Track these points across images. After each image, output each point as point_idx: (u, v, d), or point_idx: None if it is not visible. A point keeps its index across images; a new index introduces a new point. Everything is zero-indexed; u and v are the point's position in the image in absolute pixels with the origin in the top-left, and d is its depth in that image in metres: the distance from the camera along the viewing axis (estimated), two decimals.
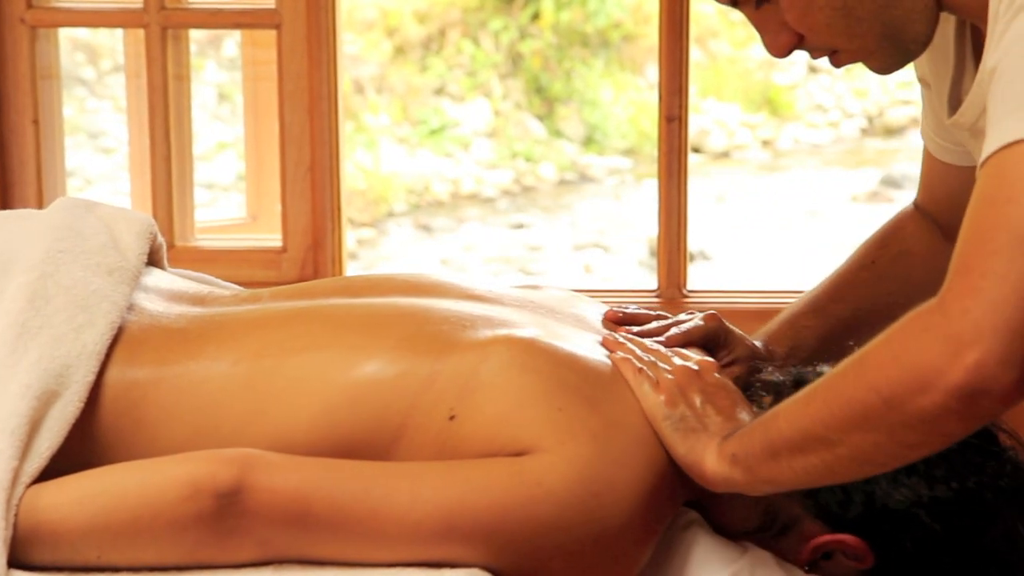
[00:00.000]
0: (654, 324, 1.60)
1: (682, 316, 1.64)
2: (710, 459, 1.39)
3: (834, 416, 1.27)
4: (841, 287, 1.75)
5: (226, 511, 1.32)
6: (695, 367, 1.48)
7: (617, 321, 1.60)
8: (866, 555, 1.45)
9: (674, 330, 1.59)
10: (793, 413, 1.33)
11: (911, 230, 1.77)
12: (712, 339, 1.61)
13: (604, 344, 1.51)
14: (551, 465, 1.36)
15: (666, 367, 1.48)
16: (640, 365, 1.47)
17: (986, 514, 1.44)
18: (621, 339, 1.52)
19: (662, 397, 1.43)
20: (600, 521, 1.36)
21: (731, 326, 1.66)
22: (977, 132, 1.46)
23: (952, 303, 1.19)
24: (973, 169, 1.61)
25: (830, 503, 1.45)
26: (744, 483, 1.37)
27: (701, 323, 1.61)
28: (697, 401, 1.44)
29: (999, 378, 1.16)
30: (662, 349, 1.52)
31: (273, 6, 2.49)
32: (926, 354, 1.19)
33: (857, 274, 1.75)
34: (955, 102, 1.47)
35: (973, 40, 1.46)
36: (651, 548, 1.42)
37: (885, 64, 1.43)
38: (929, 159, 1.72)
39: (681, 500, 1.47)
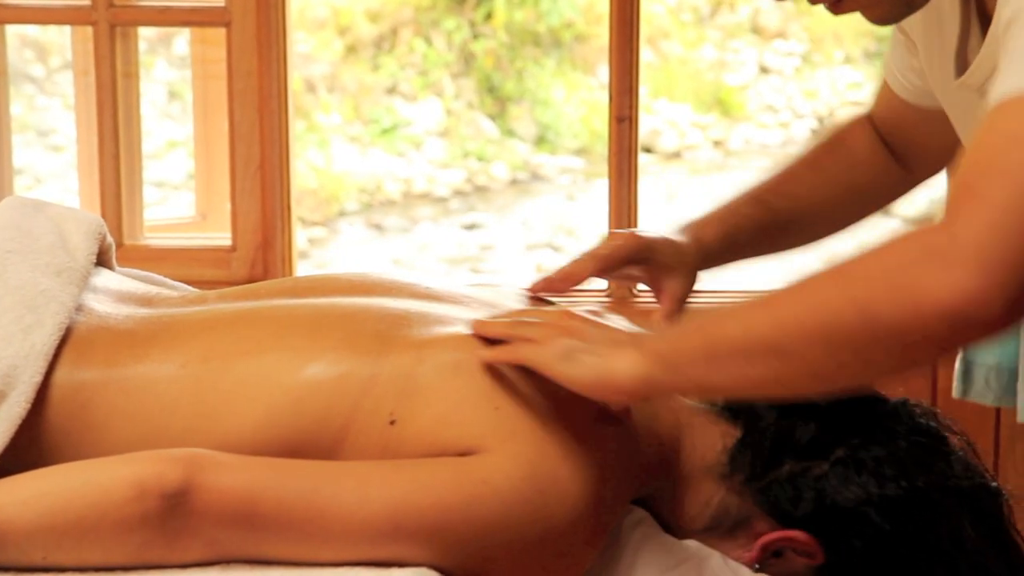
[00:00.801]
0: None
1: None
2: (622, 363, 1.33)
3: (800, 325, 1.22)
4: (785, 183, 1.72)
5: (173, 511, 1.31)
6: (562, 311, 1.44)
7: (538, 291, 1.57)
8: (816, 552, 1.46)
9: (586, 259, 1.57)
10: (745, 316, 1.28)
11: (861, 140, 1.76)
12: (636, 261, 1.58)
13: (475, 329, 1.45)
14: (496, 464, 1.36)
15: (533, 320, 1.43)
16: (510, 335, 1.42)
17: (935, 513, 1.44)
18: (486, 323, 1.46)
19: (543, 348, 1.38)
20: (547, 519, 1.36)
21: (656, 237, 1.60)
22: (986, 93, 1.45)
23: (964, 230, 1.15)
24: (934, 112, 1.62)
25: (780, 500, 1.46)
26: (666, 383, 1.33)
27: (618, 243, 1.57)
28: (586, 328, 1.39)
29: (992, 309, 1.14)
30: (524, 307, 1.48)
31: (223, 4, 2.48)
32: (924, 276, 1.16)
33: (802, 173, 1.73)
34: (962, 63, 1.46)
35: (978, 2, 1.45)
36: (599, 546, 1.42)
37: (890, 14, 1.39)
38: (887, 86, 1.74)
39: (629, 497, 1.47)
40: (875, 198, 1.77)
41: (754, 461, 1.47)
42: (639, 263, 1.62)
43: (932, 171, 1.78)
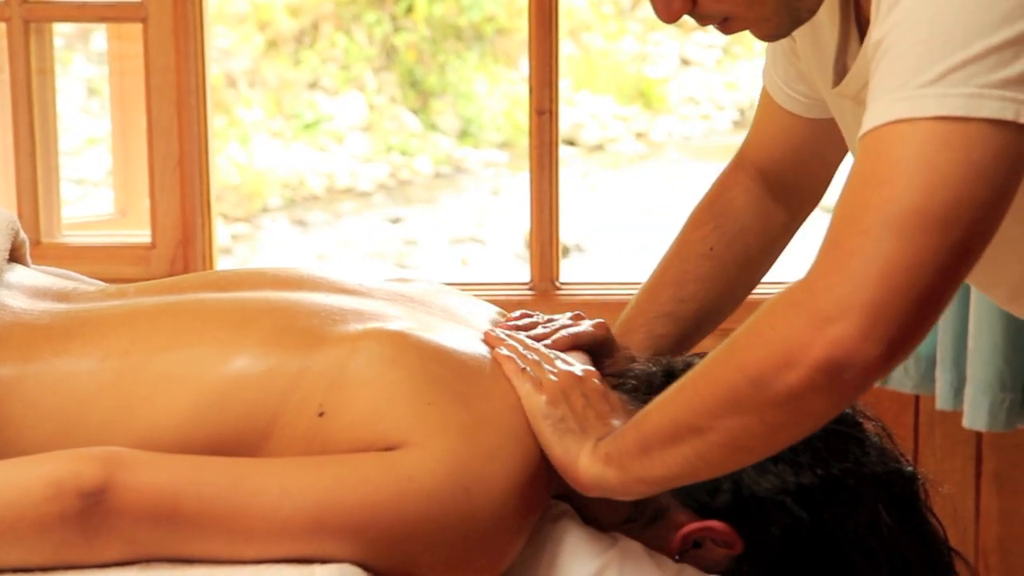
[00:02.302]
0: (540, 330, 1.59)
1: (568, 320, 1.62)
2: (584, 460, 1.39)
3: (704, 402, 1.28)
4: (686, 284, 1.73)
5: (92, 510, 1.30)
6: (579, 372, 1.48)
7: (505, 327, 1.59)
8: (735, 541, 1.47)
9: (563, 332, 1.59)
10: (664, 405, 1.33)
11: (742, 202, 1.76)
12: (599, 347, 1.61)
13: (486, 339, 1.51)
14: (420, 460, 1.35)
15: (550, 368, 1.47)
16: (523, 364, 1.47)
17: (851, 500, 1.46)
18: (503, 335, 1.52)
19: (544, 397, 1.43)
20: (471, 515, 1.36)
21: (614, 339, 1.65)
22: (861, 102, 1.46)
23: (818, 280, 1.19)
24: (818, 121, 1.63)
25: (698, 491, 1.47)
26: (617, 483, 1.37)
27: (591, 330, 1.60)
28: (579, 404, 1.44)
29: (862, 352, 1.17)
30: (545, 351, 1.52)
31: (139, 0, 2.46)
32: (791, 330, 1.20)
33: (699, 266, 1.74)
34: (840, 71, 1.48)
35: (856, 9, 1.46)
36: (523, 541, 1.42)
37: (777, 32, 1.40)
38: (770, 109, 1.72)
39: (552, 492, 1.47)
40: (768, 254, 1.77)
41: None
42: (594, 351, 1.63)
43: (812, 206, 1.77)
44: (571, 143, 8.86)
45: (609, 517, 1.50)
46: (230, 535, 1.33)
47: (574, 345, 1.57)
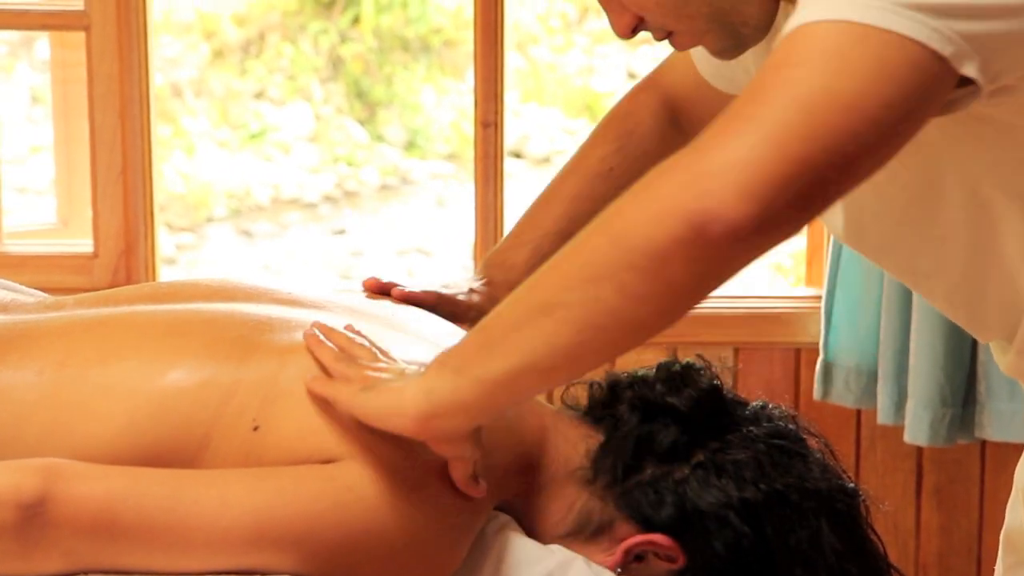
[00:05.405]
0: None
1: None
2: (410, 388, 1.28)
3: (560, 274, 1.20)
4: (580, 202, 1.69)
5: (30, 522, 1.29)
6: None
7: (375, 290, 1.64)
8: (678, 555, 1.47)
9: (399, 288, 1.64)
10: (516, 293, 1.25)
11: (648, 126, 1.74)
12: (437, 309, 1.63)
13: (304, 339, 1.42)
14: (360, 470, 1.35)
15: (365, 364, 1.39)
16: (331, 365, 1.38)
17: (793, 515, 1.46)
18: (322, 337, 1.42)
19: (351, 384, 1.35)
20: (413, 524, 1.36)
21: (458, 298, 1.67)
22: None
23: (707, 140, 1.15)
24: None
25: (642, 504, 1.47)
26: (450, 391, 1.26)
27: (419, 292, 1.63)
28: (380, 366, 1.37)
29: (733, 208, 1.11)
30: (371, 349, 1.42)
31: (82, 8, 2.45)
32: (666, 188, 1.14)
33: (595, 186, 1.70)
34: None
35: None
36: (464, 551, 1.42)
37: (720, 47, 1.40)
38: (693, 68, 1.70)
39: (493, 502, 1.47)
40: None
41: (616, 465, 1.48)
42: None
43: None
44: (518, 155, 8.86)
45: (551, 529, 1.50)
46: (169, 547, 1.33)
47: (406, 299, 1.62)
